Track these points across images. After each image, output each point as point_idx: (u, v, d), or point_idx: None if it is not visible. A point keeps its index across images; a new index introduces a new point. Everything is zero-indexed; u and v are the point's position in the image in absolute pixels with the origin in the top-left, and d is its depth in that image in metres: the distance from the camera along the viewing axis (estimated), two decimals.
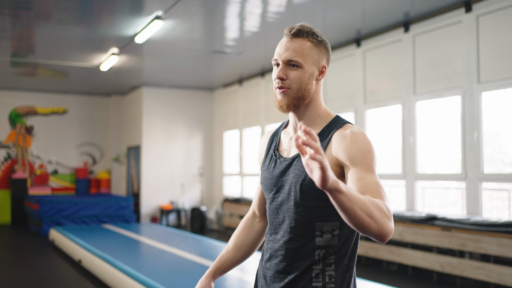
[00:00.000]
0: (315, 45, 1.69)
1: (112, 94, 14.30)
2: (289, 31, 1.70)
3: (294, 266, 1.65)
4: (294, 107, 1.69)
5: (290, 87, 1.67)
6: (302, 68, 1.66)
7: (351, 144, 1.58)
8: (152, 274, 5.23)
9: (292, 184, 1.66)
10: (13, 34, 8.39)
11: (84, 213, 10.98)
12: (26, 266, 7.56)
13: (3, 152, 13.34)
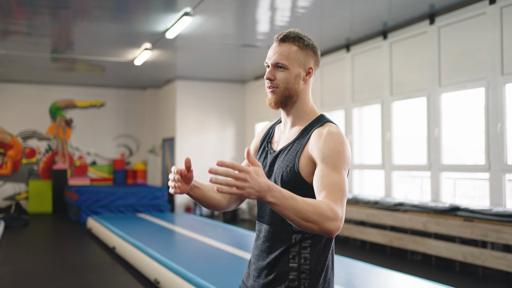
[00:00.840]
0: (301, 49, 1.87)
1: (148, 87, 14.70)
2: (277, 37, 1.89)
3: (274, 247, 1.84)
4: (282, 105, 1.88)
5: (277, 86, 1.85)
6: (288, 70, 1.85)
7: (324, 143, 1.75)
8: (181, 260, 5.50)
9: (275, 174, 1.86)
10: (52, 32, 8.78)
11: (120, 202, 11.39)
12: (65, 252, 7.97)
13: (44, 144, 13.90)
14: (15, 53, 10.20)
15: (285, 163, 1.83)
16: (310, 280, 1.79)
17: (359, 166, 9.11)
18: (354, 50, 9.16)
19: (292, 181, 1.79)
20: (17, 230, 10.29)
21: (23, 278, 6.14)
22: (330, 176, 1.69)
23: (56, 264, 7.00)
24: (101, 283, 5.88)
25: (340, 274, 4.96)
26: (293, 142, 1.85)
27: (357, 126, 9.27)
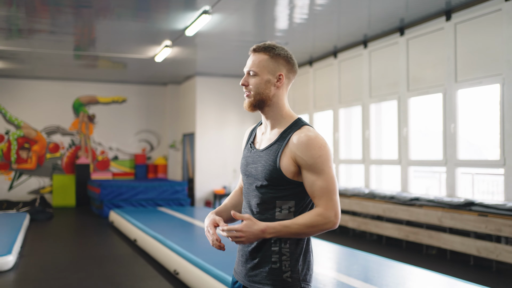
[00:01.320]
0: (271, 58, 2.10)
1: (168, 83, 14.92)
2: (252, 48, 2.13)
3: None
4: (255, 108, 2.13)
5: (250, 91, 2.11)
6: (259, 76, 2.09)
7: (305, 150, 1.99)
8: (199, 252, 5.67)
9: (260, 171, 2.08)
10: (75, 30, 9.01)
11: (142, 196, 11.63)
12: (88, 244, 8.21)
13: (67, 139, 14.22)
14: (39, 50, 10.48)
15: (268, 162, 2.06)
16: (291, 261, 2.04)
17: (376, 161, 9.19)
18: (372, 46, 9.23)
19: (274, 178, 2.04)
20: (42, 223, 10.59)
21: (48, 268, 6.38)
22: (317, 182, 1.98)
23: (80, 256, 7.23)
24: (122, 274, 6.09)
25: (354, 267, 5.08)
26: (274, 143, 2.08)
27: (374, 122, 9.35)
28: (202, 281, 4.85)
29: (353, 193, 8.92)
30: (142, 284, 5.58)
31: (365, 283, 4.39)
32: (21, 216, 9.81)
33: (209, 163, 13.22)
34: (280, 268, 2.03)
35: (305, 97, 11.56)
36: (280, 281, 2.03)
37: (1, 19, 8.23)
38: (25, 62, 11.77)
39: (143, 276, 5.97)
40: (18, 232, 7.84)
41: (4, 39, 9.53)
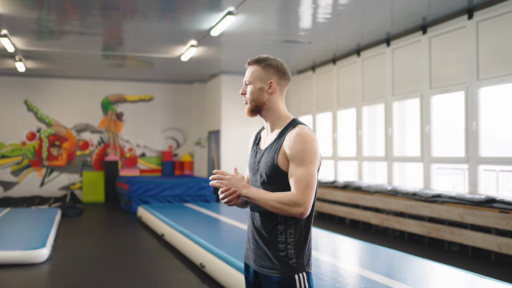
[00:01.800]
0: (263, 68, 2.39)
1: (194, 82, 15.17)
2: (247, 62, 2.44)
3: (265, 224, 2.33)
4: (254, 113, 2.40)
5: (247, 99, 2.41)
6: (253, 85, 2.39)
7: (292, 144, 2.24)
8: (224, 246, 5.87)
9: (261, 168, 2.35)
10: (104, 31, 9.28)
11: (168, 193, 11.90)
12: (118, 238, 8.49)
13: (96, 137, 14.58)
14: (69, 51, 10.80)
15: (268, 159, 2.32)
16: (295, 249, 2.29)
17: (398, 158, 9.28)
18: (394, 44, 9.31)
19: (273, 173, 2.29)
20: (73, 218, 10.94)
21: (79, 261, 6.65)
22: (296, 172, 2.21)
23: (109, 249, 7.50)
24: (150, 267, 6.32)
25: (377, 262, 5.21)
26: (274, 142, 2.34)
27: (396, 120, 9.43)
28: (227, 274, 5.05)
29: (376, 190, 9.02)
30: (169, 277, 5.81)
31: (388, 278, 4.49)
32: (53, 211, 10.15)
33: (234, 160, 13.42)
34: (287, 256, 2.27)
35: (328, 95, 11.67)
36: (287, 267, 2.27)
37: (33, 21, 8.55)
38: (55, 62, 12.13)
39: (170, 269, 6.20)
40: (51, 226, 8.14)
41: (35, 40, 9.87)
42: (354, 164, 10.99)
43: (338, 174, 11.32)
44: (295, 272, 2.27)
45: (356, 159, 10.57)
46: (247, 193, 2.24)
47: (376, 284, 4.29)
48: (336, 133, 11.35)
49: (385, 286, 4.19)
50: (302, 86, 13.04)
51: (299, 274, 2.27)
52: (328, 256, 5.46)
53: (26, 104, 14.05)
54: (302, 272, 2.28)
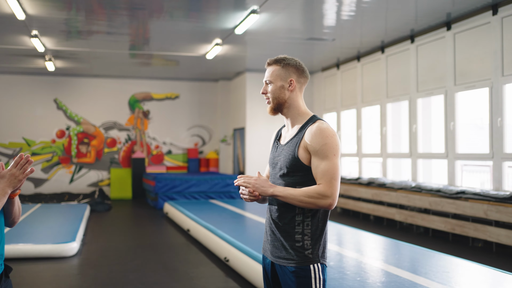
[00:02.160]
0: (282, 67, 2.49)
1: (219, 80, 15.32)
2: (266, 62, 2.55)
3: (282, 216, 2.42)
4: (276, 111, 2.51)
5: (269, 98, 2.50)
6: (273, 84, 2.48)
7: (314, 138, 2.33)
8: (248, 241, 5.99)
9: (281, 162, 2.44)
10: (130, 30, 9.47)
11: (194, 189, 12.08)
12: (145, 233, 8.67)
13: (124, 134, 14.85)
14: (97, 50, 11.04)
15: (288, 152, 2.42)
16: (311, 241, 2.38)
17: (423, 155, 9.26)
18: (418, 41, 9.29)
19: (294, 166, 2.38)
20: (101, 213, 11.18)
21: (108, 254, 6.84)
22: (320, 165, 2.31)
23: (137, 244, 7.68)
24: (176, 260, 6.47)
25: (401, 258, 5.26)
26: (294, 137, 2.44)
27: (421, 116, 9.41)
28: (250, 267, 5.16)
29: (400, 187, 9.02)
30: (195, 270, 5.94)
31: (410, 273, 4.53)
32: (82, 207, 10.41)
33: (259, 157, 13.53)
34: (302, 246, 2.36)
35: (353, 92, 11.69)
36: (302, 257, 2.35)
37: (62, 22, 8.77)
38: (84, 61, 12.39)
39: (196, 263, 6.34)
40: (80, 221, 8.37)
41: (64, 40, 10.11)
42: (378, 161, 10.99)
43: (363, 171, 11.34)
44: (310, 262, 2.35)
45: (381, 156, 10.57)
46: (274, 191, 2.32)
47: (398, 278, 4.34)
48: (361, 130, 11.36)
49: (407, 281, 4.24)
50: (327, 83, 13.07)
51: (314, 265, 2.35)
52: (350, 251, 5.52)
53: (55, 102, 14.38)
54: (317, 263, 2.36)
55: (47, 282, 5.44)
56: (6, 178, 2.23)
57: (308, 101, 13.89)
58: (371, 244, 6.12)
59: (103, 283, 5.39)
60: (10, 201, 2.33)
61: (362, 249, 5.88)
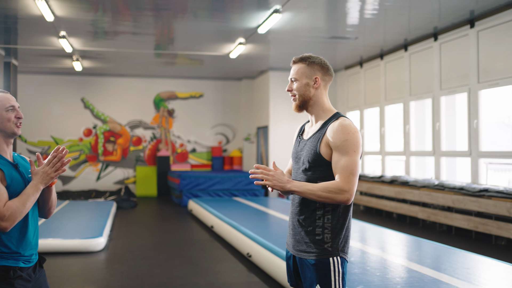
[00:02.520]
0: (307, 65, 2.55)
1: (243, 78, 15.45)
2: (292, 60, 2.62)
3: (304, 210, 2.49)
4: (301, 108, 2.57)
5: (294, 95, 2.57)
6: (299, 81, 2.55)
7: (335, 134, 2.39)
8: (271, 237, 6.09)
9: (304, 156, 2.51)
10: (155, 30, 9.65)
11: (218, 187, 12.22)
12: (170, 230, 8.84)
13: (149, 133, 15.08)
14: (123, 50, 11.25)
15: (311, 147, 2.48)
16: (331, 234, 2.43)
17: (446, 153, 9.25)
18: (442, 39, 9.27)
19: (315, 160, 2.44)
20: (127, 210, 11.40)
21: (134, 250, 7.01)
22: (340, 161, 2.37)
23: (162, 239, 7.85)
24: (200, 256, 6.61)
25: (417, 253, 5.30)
26: (316, 132, 2.51)
27: (444, 114, 9.39)
28: (273, 263, 5.26)
29: (423, 185, 9.03)
30: (218, 265, 6.07)
31: (433, 270, 4.57)
32: (109, 204, 10.63)
33: (283, 155, 13.61)
34: (322, 239, 2.42)
35: (376, 90, 11.70)
36: (322, 250, 2.42)
37: (89, 23, 8.99)
38: (110, 61, 12.64)
39: (219, 258, 6.47)
40: (107, 218, 8.57)
41: (91, 40, 10.34)
42: (401, 159, 10.99)
43: (386, 169, 11.34)
44: (330, 255, 2.41)
45: (404, 154, 10.57)
46: (291, 187, 2.37)
47: (418, 274, 4.40)
48: (384, 128, 11.37)
49: (428, 277, 4.29)
50: (350, 81, 13.09)
51: (333, 258, 2.41)
52: (371, 248, 5.59)
53: (82, 101, 14.68)
54: (337, 256, 2.42)
55: (76, 275, 5.62)
56: (39, 175, 2.37)
57: (332, 99, 13.92)
58: (392, 241, 6.16)
59: (130, 277, 5.55)
60: (47, 189, 2.47)
61: (384, 246, 5.94)
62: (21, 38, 10.33)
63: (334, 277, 2.40)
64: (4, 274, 2.30)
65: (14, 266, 2.34)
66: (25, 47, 10.97)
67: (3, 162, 2.38)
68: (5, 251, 2.33)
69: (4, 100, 2.43)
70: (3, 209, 2.24)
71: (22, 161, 2.54)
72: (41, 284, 2.51)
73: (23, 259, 2.39)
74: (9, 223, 2.25)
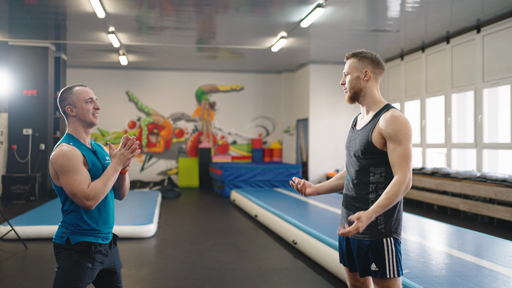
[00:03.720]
0: (358, 60, 2.76)
1: (283, 71, 15.63)
2: (345, 56, 2.83)
3: (357, 194, 2.70)
4: (353, 99, 2.77)
5: (347, 87, 2.78)
6: (350, 75, 2.76)
7: (388, 125, 2.58)
8: (315, 225, 6.30)
9: (357, 145, 2.71)
10: (197, 25, 9.93)
11: (259, 178, 12.47)
12: (214, 219, 9.13)
13: (191, 125, 15.44)
14: (167, 44, 11.58)
15: (363, 137, 2.68)
16: (384, 217, 2.62)
17: (488, 145, 9.26)
18: (485, 31, 9.26)
19: (367, 149, 2.64)
20: (171, 200, 11.76)
21: (182, 236, 7.32)
22: (396, 150, 2.55)
23: (207, 227, 8.14)
24: (246, 243, 6.86)
25: (460, 242, 5.42)
26: (368, 123, 2.70)
27: (487, 106, 9.39)
28: (318, 249, 5.46)
29: (464, 177, 9.06)
30: (264, 252, 6.31)
31: (474, 256, 4.71)
32: (154, 194, 11.00)
33: (322, 147, 13.78)
34: (376, 221, 2.60)
35: (417, 82, 11.72)
36: (375, 231, 2.61)
37: (135, 19, 9.32)
38: (154, 55, 13.01)
39: (265, 245, 6.71)
40: (155, 206, 8.91)
41: (136, 35, 10.70)
42: (442, 151, 11.01)
43: (426, 161, 11.38)
44: (383, 236, 2.60)
45: (445, 146, 10.60)
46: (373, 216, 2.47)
47: (461, 260, 4.54)
48: (425, 121, 11.40)
49: (470, 263, 4.43)
50: (390, 74, 13.12)
51: (387, 239, 2.59)
52: (414, 236, 5.73)
53: (127, 95, 15.12)
54: (390, 237, 2.60)
55: (131, 258, 5.94)
56: (117, 157, 2.63)
57: None
58: (434, 230, 6.28)
59: (181, 261, 5.84)
60: (122, 176, 2.74)
61: (425, 235, 6.06)
62: (70, 34, 10.77)
63: (388, 257, 2.58)
64: (86, 249, 2.57)
65: (95, 242, 2.60)
66: (75, 42, 11.42)
67: (84, 149, 2.64)
68: (87, 228, 2.59)
69: (84, 93, 2.68)
70: (88, 190, 2.50)
71: (99, 148, 2.80)
72: (115, 259, 2.78)
73: (101, 236, 2.65)
74: (93, 202, 2.50)
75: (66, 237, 2.57)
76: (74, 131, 2.67)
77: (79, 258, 2.54)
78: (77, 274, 2.53)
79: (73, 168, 2.50)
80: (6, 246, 6.53)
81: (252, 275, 5.23)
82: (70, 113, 2.65)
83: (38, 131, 11.65)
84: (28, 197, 11.08)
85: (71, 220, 2.59)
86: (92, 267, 2.58)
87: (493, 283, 3.84)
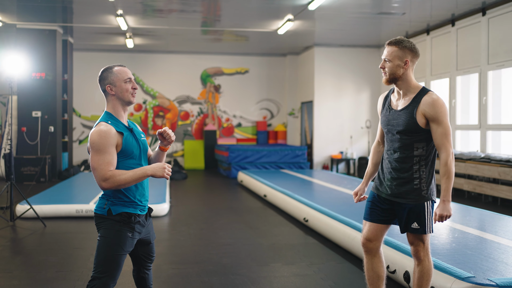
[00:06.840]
0: (400, 49, 3.07)
1: (287, 54, 15.73)
2: (387, 42, 3.11)
3: (401, 166, 3.12)
4: (390, 82, 3.10)
5: (386, 72, 3.09)
6: (391, 62, 3.07)
7: (431, 107, 2.98)
8: (325, 203, 6.49)
9: (401, 124, 3.08)
10: (203, 8, 10.02)
11: (265, 160, 12.66)
12: (223, 199, 9.32)
13: (196, 108, 15.58)
14: (173, 27, 11.67)
15: (407, 117, 3.05)
16: (426, 184, 3.10)
17: (492, 126, 9.42)
18: (490, 13, 9.37)
19: (412, 127, 3.03)
20: (179, 181, 11.95)
21: (195, 215, 7.51)
22: (438, 129, 2.98)
23: (218, 207, 8.33)
24: (257, 221, 7.05)
25: (467, 218, 5.61)
26: (409, 105, 3.07)
27: (491, 88, 9.53)
28: (329, 226, 5.66)
29: (468, 157, 9.24)
30: (276, 229, 6.51)
31: (479, 230, 4.94)
32: None
33: (327, 129, 13.93)
34: (420, 188, 3.07)
35: (422, 65, 11.84)
36: (420, 196, 3.07)
37: (139, 1, 9.38)
38: (160, 38, 13.09)
39: (276, 223, 6.90)
40: (165, 187, 9.10)
41: (142, 18, 10.78)
42: None
43: None
44: (425, 200, 3.07)
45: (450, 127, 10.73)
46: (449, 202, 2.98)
47: (468, 234, 4.74)
48: None
49: (478, 237, 4.63)
50: None
51: (427, 202, 3.07)
52: None
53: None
54: (429, 200, 3.08)
55: None
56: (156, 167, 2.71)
57: (375, 74, 14.11)
58: None
59: (196, 237, 6.04)
60: (161, 153, 2.92)
61: None
62: (77, 17, 10.87)
63: (427, 217, 3.07)
64: (127, 219, 2.73)
65: (134, 213, 2.78)
66: (82, 25, 11.52)
67: (121, 127, 2.78)
68: (127, 200, 2.76)
69: (123, 73, 2.82)
70: (108, 172, 2.61)
71: (134, 126, 2.96)
72: (150, 230, 2.96)
73: (139, 208, 2.82)
74: (107, 184, 2.62)
75: (107, 208, 2.73)
76: (113, 109, 2.81)
77: (120, 228, 2.71)
78: (119, 242, 2.69)
79: (102, 148, 2.63)
80: (25, 224, 6.73)
81: (267, 250, 5.43)
82: (110, 91, 2.79)
83: (47, 113, 11.80)
84: (38, 178, 11.27)
85: (111, 192, 2.75)
86: (132, 237, 2.75)
87: (502, 255, 4.03)
